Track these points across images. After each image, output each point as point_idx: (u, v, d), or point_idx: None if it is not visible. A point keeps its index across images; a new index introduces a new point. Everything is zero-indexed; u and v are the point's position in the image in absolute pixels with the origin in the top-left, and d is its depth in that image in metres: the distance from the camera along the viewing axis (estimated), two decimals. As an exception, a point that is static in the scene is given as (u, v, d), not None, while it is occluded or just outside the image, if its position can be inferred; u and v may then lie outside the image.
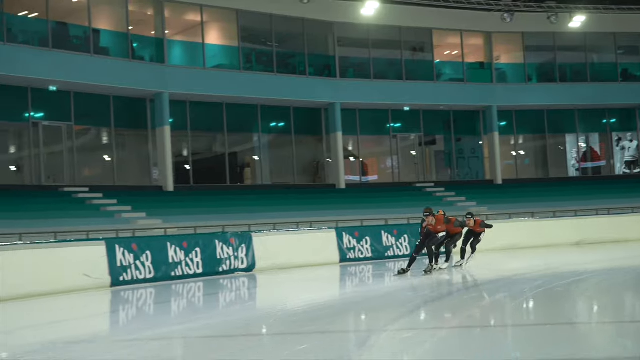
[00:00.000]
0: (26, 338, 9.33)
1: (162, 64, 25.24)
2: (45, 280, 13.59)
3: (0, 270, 13.06)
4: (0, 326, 10.46)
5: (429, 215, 15.10)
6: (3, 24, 21.96)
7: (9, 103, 23.12)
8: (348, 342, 8.34)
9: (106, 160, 25.14)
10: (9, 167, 24.35)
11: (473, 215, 17.01)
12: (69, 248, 14.25)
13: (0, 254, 13.40)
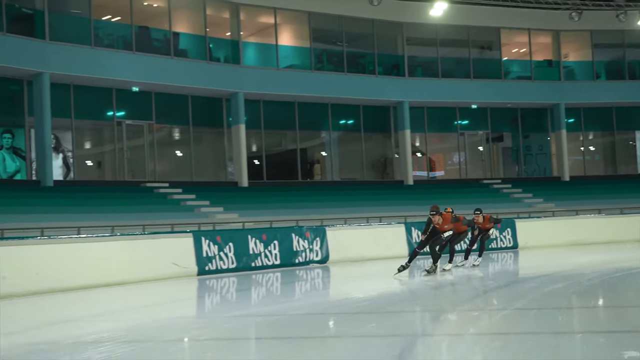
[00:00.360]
0: (126, 320, 10.54)
1: (237, 65, 26.60)
2: (139, 269, 14.94)
3: (96, 260, 14.46)
4: (103, 309, 11.79)
5: (435, 214, 14.48)
6: (91, 29, 23.62)
7: (95, 103, 24.78)
8: (422, 318, 9.38)
9: (184, 157, 26.61)
10: (94, 163, 26.00)
11: (482, 211, 16.41)
12: (159, 240, 15.59)
13: (96, 245, 14.81)
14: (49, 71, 22.45)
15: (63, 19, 23.72)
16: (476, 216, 16.23)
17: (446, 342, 7.24)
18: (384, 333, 8.02)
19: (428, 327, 8.50)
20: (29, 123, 23.08)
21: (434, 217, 14.45)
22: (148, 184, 24.66)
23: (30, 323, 10.10)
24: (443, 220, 14.54)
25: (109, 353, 7.26)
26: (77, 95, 23.87)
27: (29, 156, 23.44)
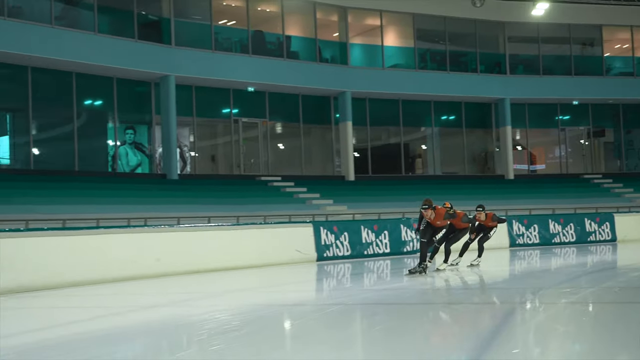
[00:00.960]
0: (251, 298, 12.35)
1: (345, 66, 28.48)
2: (264, 255, 16.91)
3: (225, 246, 16.47)
4: (233, 288, 13.72)
5: (427, 208, 13.29)
6: (212, 34, 25.89)
7: (214, 102, 27.10)
8: (523, 291, 10.99)
9: (295, 152, 28.65)
10: (211, 157, 28.30)
11: (484, 208, 15.48)
12: (283, 229, 17.60)
13: (225, 233, 16.86)
14: (174, 73, 24.83)
15: (187, 26, 26.03)
16: (478, 213, 15.35)
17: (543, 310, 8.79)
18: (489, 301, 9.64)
19: (530, 298, 10.12)
20: (155, 120, 25.53)
21: (426, 211, 13.26)
22: (262, 178, 26.81)
23: (159, 298, 12.10)
24: (436, 216, 13.38)
25: (239, 323, 9.08)
26: (198, 95, 26.21)
27: (153, 150, 25.91)
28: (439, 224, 13.60)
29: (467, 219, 14.45)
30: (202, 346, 6.98)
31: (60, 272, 12.71)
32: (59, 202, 19.37)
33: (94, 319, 9.35)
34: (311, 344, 7.02)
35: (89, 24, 23.46)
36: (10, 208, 17.99)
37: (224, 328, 8.08)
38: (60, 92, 23.61)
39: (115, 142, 25.09)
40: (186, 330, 8.12)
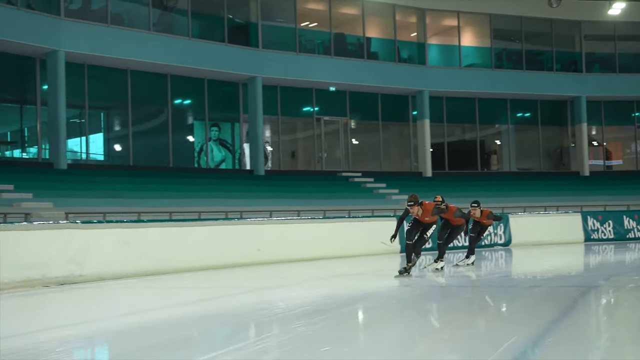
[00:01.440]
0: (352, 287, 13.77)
1: (422, 66, 29.70)
2: (351, 246, 18.36)
3: (317, 237, 17.97)
4: (331, 274, 15.12)
5: (413, 205, 12.55)
6: (296, 37, 27.42)
7: (297, 101, 28.65)
8: (596, 277, 12.17)
9: (374, 149, 30.00)
10: (293, 154, 29.86)
11: (479, 205, 14.96)
12: (369, 223, 19.05)
13: (316, 226, 18.35)
14: (261, 75, 26.43)
15: (273, 29, 27.60)
16: (473, 209, 14.80)
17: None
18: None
19: (602, 283, 11.35)
20: (242, 119, 27.20)
21: (412, 208, 12.56)
22: (343, 174, 28.24)
23: (254, 284, 13.58)
24: (423, 212, 12.66)
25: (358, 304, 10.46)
26: (282, 94, 27.78)
27: (239, 147, 27.59)
28: (428, 220, 12.73)
29: (461, 214, 13.79)
30: (304, 322, 8.37)
31: (199, 256, 14.36)
32: (165, 196, 21.10)
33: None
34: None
35: (183, 29, 25.23)
36: (120, 201, 19.78)
37: (318, 309, 9.49)
38: (155, 93, 25.45)
39: (205, 139, 26.82)
40: (288, 310, 9.56)
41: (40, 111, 22.87)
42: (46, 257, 11.72)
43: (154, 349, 6.57)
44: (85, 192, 20.14)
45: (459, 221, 13.95)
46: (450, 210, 13.66)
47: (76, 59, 22.80)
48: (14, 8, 21.38)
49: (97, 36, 22.86)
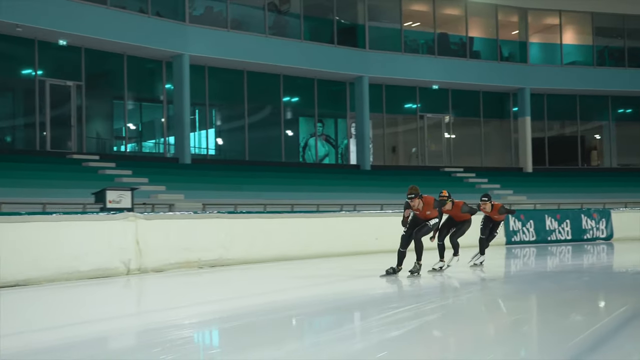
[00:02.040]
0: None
1: (524, 64, 30.77)
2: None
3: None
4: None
5: (414, 197, 11.65)
6: (402, 37, 28.91)
7: (400, 99, 30.15)
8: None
9: (475, 144, 31.24)
10: (394, 149, 31.35)
11: (490, 199, 13.82)
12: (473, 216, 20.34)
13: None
14: (367, 74, 28.02)
15: (379, 30, 29.13)
16: (483, 204, 13.72)
17: None
18: None
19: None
20: (349, 116, 28.86)
21: (413, 200, 11.65)
22: (445, 169, 29.60)
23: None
24: (424, 205, 11.81)
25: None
26: (387, 92, 29.30)
27: (340, 142, 29.26)
28: (429, 215, 11.87)
29: (468, 209, 12.91)
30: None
31: (309, 244, 16.05)
32: (282, 189, 22.87)
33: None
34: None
35: (296, 32, 27.03)
36: (242, 194, 21.68)
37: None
38: (269, 91, 27.33)
39: (315, 135, 28.58)
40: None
41: (166, 109, 25.06)
42: (201, 242, 13.60)
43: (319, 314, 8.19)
44: (210, 185, 22.10)
45: (465, 216, 12.98)
46: (456, 206, 12.79)
47: (198, 61, 24.86)
48: (145, 16, 23.57)
49: (217, 40, 24.86)
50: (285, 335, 7.09)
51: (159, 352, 6.15)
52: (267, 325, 7.49)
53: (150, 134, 26.44)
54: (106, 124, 25.33)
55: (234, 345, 6.61)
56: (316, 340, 6.86)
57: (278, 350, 6.25)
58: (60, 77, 22.70)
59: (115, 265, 12.02)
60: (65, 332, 7.08)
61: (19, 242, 10.64)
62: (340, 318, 8.19)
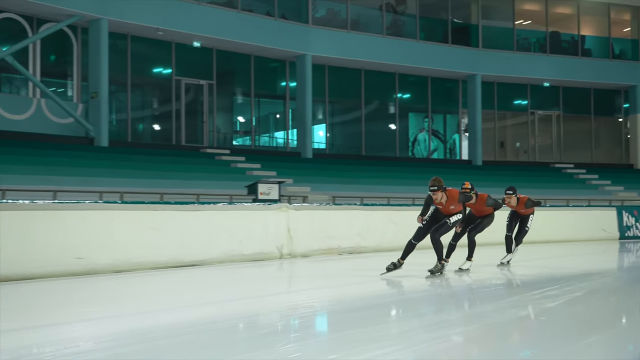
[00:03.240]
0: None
1: (636, 61, 31.41)
2: (569, 232, 20.76)
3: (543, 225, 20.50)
4: (555, 254, 17.68)
5: (437, 190, 10.60)
6: (514, 36, 29.97)
7: (511, 96, 31.24)
8: None
9: (585, 141, 32.01)
10: (502, 144, 32.37)
11: (515, 192, 12.96)
12: (587, 211, 21.46)
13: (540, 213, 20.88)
14: (480, 72, 29.20)
15: (491, 29, 30.24)
16: (507, 197, 12.90)
17: None
18: None
19: None
20: (461, 112, 30.13)
21: (436, 194, 10.61)
22: (556, 165, 30.53)
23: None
24: (448, 199, 10.77)
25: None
26: (499, 90, 30.42)
27: (448, 137, 30.51)
28: (453, 210, 10.86)
29: (493, 202, 11.91)
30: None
31: None
32: (402, 183, 24.33)
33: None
34: None
35: (411, 32, 28.45)
36: (364, 187, 23.25)
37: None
38: (383, 89, 28.87)
39: (428, 129, 29.95)
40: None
41: (288, 105, 26.89)
42: (340, 231, 15.24)
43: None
44: (332, 178, 23.73)
45: (488, 210, 11.99)
46: (480, 199, 11.81)
47: (319, 60, 26.56)
48: (271, 19, 25.39)
49: (338, 41, 26.50)
50: (433, 309, 8.56)
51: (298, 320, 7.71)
52: (413, 301, 8.97)
53: (272, 128, 28.32)
54: (233, 119, 27.30)
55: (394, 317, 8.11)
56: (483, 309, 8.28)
57: (420, 317, 7.72)
58: (193, 76, 24.76)
59: (271, 250, 13.77)
60: (240, 305, 8.40)
61: (199, 227, 12.47)
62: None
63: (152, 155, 22.03)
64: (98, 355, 5.66)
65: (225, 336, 6.47)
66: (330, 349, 5.99)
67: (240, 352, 5.84)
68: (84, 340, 6.28)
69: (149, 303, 8.54)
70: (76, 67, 22.19)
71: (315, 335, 6.86)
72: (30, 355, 5.64)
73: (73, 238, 10.63)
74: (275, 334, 6.80)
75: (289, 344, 6.31)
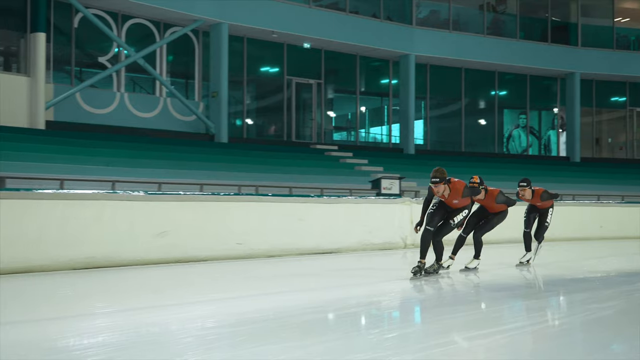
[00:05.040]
0: None
1: None
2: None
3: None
4: None
5: (439, 182, 9.76)
6: (613, 34, 30.81)
7: (609, 93, 32.03)
8: None
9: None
10: (597, 140, 33.15)
11: (529, 184, 12.02)
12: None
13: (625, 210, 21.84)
14: (579, 70, 30.14)
15: (590, 28, 31.10)
16: (521, 190, 12.00)
17: None
18: None
19: None
20: (558, 109, 31.13)
21: (437, 186, 9.77)
22: (642, 158, 31.36)
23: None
24: (451, 192, 10.01)
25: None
26: (597, 88, 31.29)
27: (543, 134, 31.47)
28: (457, 204, 10.07)
29: (505, 199, 11.05)
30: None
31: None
32: (498, 179, 25.48)
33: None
34: None
35: (511, 32, 29.58)
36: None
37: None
38: (482, 87, 30.07)
39: (527, 127, 31.03)
40: None
41: (391, 103, 28.35)
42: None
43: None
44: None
45: (500, 207, 11.12)
46: (490, 194, 10.97)
47: (422, 60, 27.95)
48: (377, 20, 26.87)
49: (440, 41, 27.83)
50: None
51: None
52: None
53: (374, 125, 29.81)
54: (338, 116, 28.89)
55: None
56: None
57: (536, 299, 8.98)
58: (303, 76, 26.42)
59: (396, 240, 15.28)
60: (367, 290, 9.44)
61: (337, 218, 14.08)
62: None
63: (267, 150, 23.71)
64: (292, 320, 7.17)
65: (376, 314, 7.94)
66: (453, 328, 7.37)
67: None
68: (288, 305, 7.81)
69: (316, 281, 10.08)
70: (197, 67, 24.07)
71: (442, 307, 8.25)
72: (250, 314, 7.17)
73: (234, 226, 12.32)
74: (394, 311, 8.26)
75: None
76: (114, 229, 10.52)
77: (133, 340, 5.89)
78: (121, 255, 10.54)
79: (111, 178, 15.20)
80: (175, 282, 9.62)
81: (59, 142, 18.30)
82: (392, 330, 6.72)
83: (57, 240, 9.86)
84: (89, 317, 6.82)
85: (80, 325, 6.46)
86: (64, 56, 21.27)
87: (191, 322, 6.65)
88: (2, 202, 9.44)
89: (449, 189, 9.92)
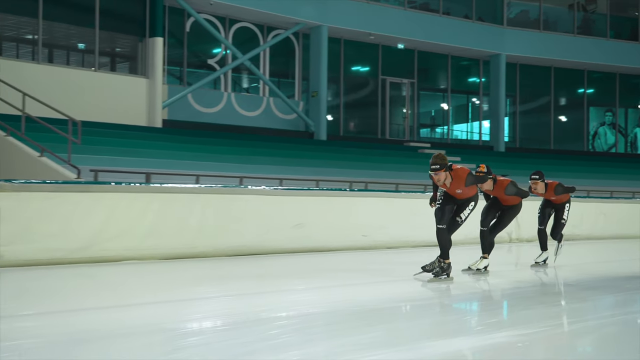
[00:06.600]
0: None
1: None
2: None
3: None
4: None
5: (439, 169, 8.85)
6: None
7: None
8: None
9: None
10: None
11: (542, 176, 11.01)
12: None
13: None
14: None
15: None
16: (533, 183, 11.06)
17: None
18: None
19: None
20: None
21: (438, 173, 8.90)
22: None
23: None
24: (453, 180, 9.09)
25: None
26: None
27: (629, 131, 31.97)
28: (461, 194, 9.20)
29: (516, 190, 9.98)
30: None
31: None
32: (586, 176, 26.20)
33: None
34: None
35: (602, 31, 30.22)
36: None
37: None
38: (570, 85, 30.79)
39: (615, 124, 31.60)
40: None
41: (481, 100, 29.26)
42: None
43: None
44: (525, 172, 25.80)
45: (513, 201, 10.22)
46: (499, 185, 10.03)
47: (512, 59, 28.78)
48: (469, 21, 27.81)
49: (530, 40, 28.63)
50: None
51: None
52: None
53: (464, 123, 30.75)
54: (430, 114, 29.94)
55: None
56: None
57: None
58: (396, 75, 27.52)
59: (502, 235, 16.21)
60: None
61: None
62: None
63: (365, 148, 24.85)
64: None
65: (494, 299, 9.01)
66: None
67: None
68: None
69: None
70: (298, 68, 25.38)
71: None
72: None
73: (359, 219, 13.52)
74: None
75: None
76: (260, 220, 11.83)
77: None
78: (265, 244, 11.86)
79: (238, 174, 16.53)
80: (314, 269, 10.78)
81: (177, 139, 19.77)
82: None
83: (214, 229, 11.24)
84: (279, 293, 8.11)
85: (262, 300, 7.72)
86: (176, 58, 22.80)
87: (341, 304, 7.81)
88: (166, 195, 10.84)
89: (451, 177, 9.01)
